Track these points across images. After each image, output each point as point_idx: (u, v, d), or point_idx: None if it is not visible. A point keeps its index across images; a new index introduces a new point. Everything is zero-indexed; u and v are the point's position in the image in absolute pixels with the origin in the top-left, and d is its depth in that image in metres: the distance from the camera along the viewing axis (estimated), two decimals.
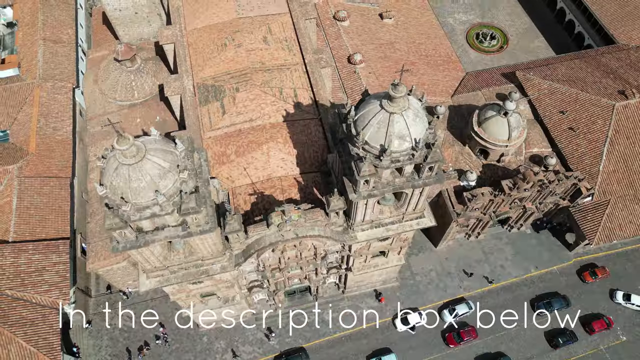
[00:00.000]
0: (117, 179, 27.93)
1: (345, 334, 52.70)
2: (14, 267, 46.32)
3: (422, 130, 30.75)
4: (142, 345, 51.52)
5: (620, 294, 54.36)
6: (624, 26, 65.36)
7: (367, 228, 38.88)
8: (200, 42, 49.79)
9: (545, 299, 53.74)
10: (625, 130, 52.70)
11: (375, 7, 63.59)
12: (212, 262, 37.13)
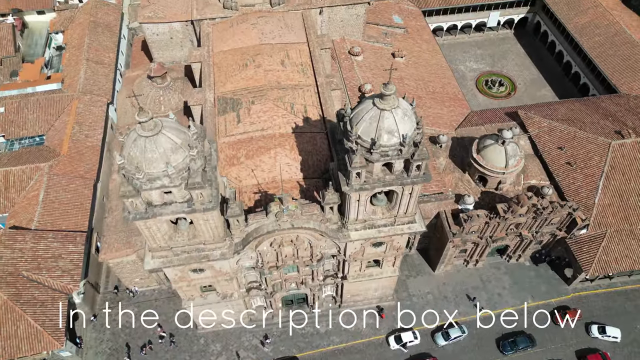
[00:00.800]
0: (134, 149, 31.70)
1: (338, 348, 53.46)
2: (32, 251, 49.79)
3: (411, 128, 33.96)
4: (146, 343, 53.12)
5: (595, 327, 54.03)
6: (625, 77, 68.72)
7: (361, 228, 41.32)
8: (224, 62, 55.19)
9: (511, 338, 53.45)
10: (621, 167, 54.67)
11: (389, 47, 68.90)
12: (213, 247, 39.88)
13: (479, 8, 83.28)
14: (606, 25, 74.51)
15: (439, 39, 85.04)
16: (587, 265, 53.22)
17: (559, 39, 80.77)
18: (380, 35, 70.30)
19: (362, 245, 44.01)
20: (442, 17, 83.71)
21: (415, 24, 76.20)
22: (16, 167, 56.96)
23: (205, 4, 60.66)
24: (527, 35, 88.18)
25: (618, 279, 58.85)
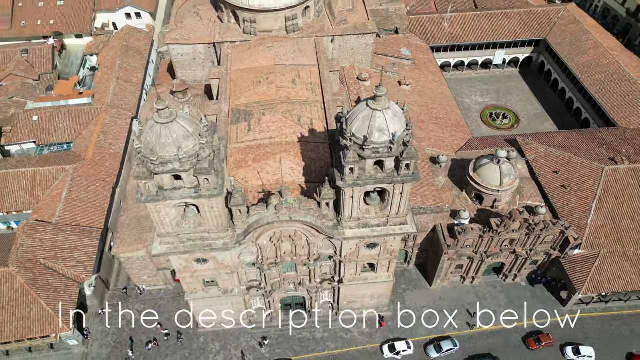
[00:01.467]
0: (150, 134, 35.67)
1: (333, 354, 54.82)
2: (51, 242, 53.50)
3: (400, 128, 37.35)
4: (151, 340, 55.34)
5: (569, 349, 54.30)
6: (624, 112, 71.42)
7: (355, 227, 44.04)
8: (240, 79, 60.04)
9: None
10: (613, 191, 56.60)
11: (396, 76, 73.39)
12: (217, 237, 42.97)
13: (484, 46, 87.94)
14: (606, 64, 78.02)
15: (447, 74, 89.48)
16: (580, 284, 54.36)
17: (562, 77, 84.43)
18: (389, 65, 74.99)
19: (357, 245, 46.56)
20: (449, 54, 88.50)
21: (422, 57, 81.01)
22: (43, 167, 61.73)
23: (227, 29, 66.45)
24: (532, 74, 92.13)
25: (614, 304, 59.46)
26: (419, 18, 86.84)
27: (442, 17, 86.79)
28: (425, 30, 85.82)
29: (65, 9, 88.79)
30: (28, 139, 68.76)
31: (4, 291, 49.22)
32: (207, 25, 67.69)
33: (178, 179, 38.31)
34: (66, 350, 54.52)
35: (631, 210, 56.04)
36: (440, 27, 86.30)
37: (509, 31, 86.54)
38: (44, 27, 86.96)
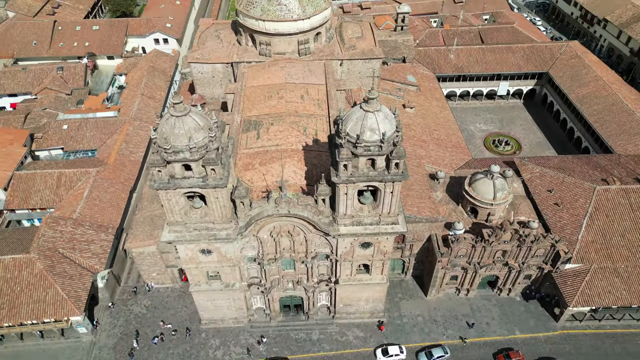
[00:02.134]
0: (165, 126, 40.18)
1: (328, 355, 56.68)
2: (70, 234, 57.71)
3: (390, 129, 41.07)
4: (158, 334, 58.12)
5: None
6: (621, 140, 74.02)
7: (349, 224, 47.18)
8: (253, 94, 65.04)
9: None
10: (604, 210, 58.68)
11: (401, 99, 77.71)
12: (221, 227, 46.55)
13: (489, 78, 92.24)
14: (605, 96, 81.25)
15: (452, 103, 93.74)
16: (570, 297, 55.83)
17: (563, 108, 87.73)
18: (395, 89, 79.55)
19: (352, 244, 49.54)
20: (455, 84, 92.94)
21: (428, 85, 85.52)
22: (69, 169, 66.85)
23: (244, 50, 72.18)
24: (536, 106, 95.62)
25: (607, 322, 60.35)
26: (426, 49, 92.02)
27: (448, 49, 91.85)
28: (432, 60, 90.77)
29: (99, 33, 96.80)
30: (56, 145, 74.36)
31: (24, 275, 53.16)
32: (227, 47, 73.60)
33: (188, 169, 42.38)
34: (75, 339, 57.63)
35: (621, 228, 57.85)
36: (447, 58, 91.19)
37: (512, 64, 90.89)
38: (79, 48, 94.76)
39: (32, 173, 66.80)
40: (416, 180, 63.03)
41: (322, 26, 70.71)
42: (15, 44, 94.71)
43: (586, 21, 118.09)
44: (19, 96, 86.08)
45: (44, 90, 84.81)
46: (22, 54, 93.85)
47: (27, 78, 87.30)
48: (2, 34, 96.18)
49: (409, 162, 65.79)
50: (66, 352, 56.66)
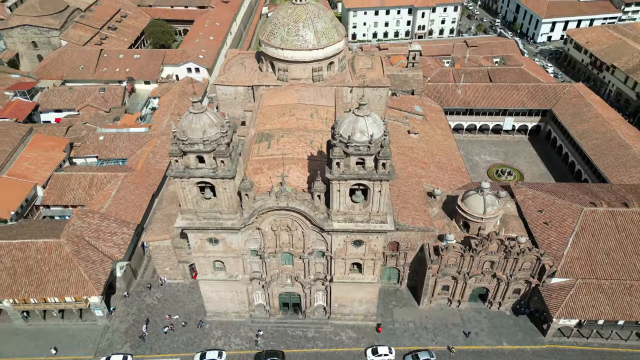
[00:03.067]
0: (185, 121, 47.02)
1: (321, 351, 60.13)
2: (96, 226, 64.36)
3: (378, 132, 46.77)
4: (169, 325, 63.02)
5: None
6: (617, 172, 77.36)
7: (342, 220, 52.16)
8: (268, 112, 72.13)
9: None
10: (590, 229, 61.78)
11: (406, 126, 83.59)
12: (227, 217, 52.25)
13: (495, 113, 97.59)
14: (604, 131, 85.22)
15: (460, 135, 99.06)
16: (554, 309, 58.36)
17: (565, 143, 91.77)
18: (401, 117, 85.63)
19: (345, 241, 54.28)
20: (462, 117, 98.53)
21: (434, 116, 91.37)
22: (100, 173, 74.55)
23: (264, 76, 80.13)
24: (540, 141, 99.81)
25: (595, 340, 62.06)
26: (435, 85, 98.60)
27: (456, 85, 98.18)
28: (440, 94, 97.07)
29: (139, 61, 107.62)
30: (92, 153, 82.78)
31: (53, 257, 59.56)
32: (249, 73, 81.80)
33: (201, 162, 48.77)
34: (92, 322, 63.06)
35: (607, 247, 60.65)
36: (454, 93, 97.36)
37: (517, 101, 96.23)
38: (120, 73, 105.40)
39: (68, 174, 74.80)
40: (413, 196, 67.78)
41: (334, 56, 78.24)
42: (64, 67, 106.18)
43: (596, 67, 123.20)
44: (64, 112, 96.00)
45: (86, 107, 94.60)
46: (70, 76, 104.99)
47: (72, 96, 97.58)
48: (55, 59, 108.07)
49: (409, 180, 70.96)
50: (83, 333, 62.01)
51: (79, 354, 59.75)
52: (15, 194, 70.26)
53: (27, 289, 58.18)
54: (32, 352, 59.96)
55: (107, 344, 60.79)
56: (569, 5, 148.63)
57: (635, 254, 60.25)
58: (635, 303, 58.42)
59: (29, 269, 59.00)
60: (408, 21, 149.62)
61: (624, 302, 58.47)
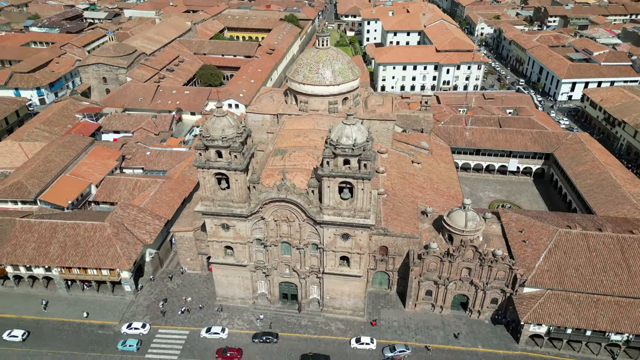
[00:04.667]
0: (209, 122, 59.70)
1: (311, 337, 67.90)
2: (134, 216, 76.90)
3: (361, 138, 57.45)
4: (185, 309, 73.03)
5: None
6: (604, 207, 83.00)
7: (331, 214, 61.91)
8: (286, 134, 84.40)
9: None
10: (563, 248, 67.97)
11: (411, 156, 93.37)
12: (237, 206, 63.27)
13: (500, 154, 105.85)
14: (598, 173, 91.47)
15: (467, 173, 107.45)
16: (523, 313, 64.12)
17: (564, 183, 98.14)
18: (407, 149, 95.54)
19: (334, 234, 63.66)
20: (470, 157, 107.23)
21: (440, 152, 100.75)
22: (144, 179, 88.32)
23: (288, 106, 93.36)
24: (544, 183, 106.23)
25: (566, 351, 66.57)
26: (445, 126, 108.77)
27: (464, 127, 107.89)
28: (449, 135, 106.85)
29: (188, 96, 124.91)
30: (139, 165, 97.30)
31: (96, 236, 72.02)
32: (276, 104, 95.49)
33: (220, 156, 60.74)
34: (121, 296, 74.12)
35: (576, 263, 66.48)
36: (462, 135, 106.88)
37: (520, 144, 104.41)
38: (171, 105, 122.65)
39: (117, 178, 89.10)
40: (406, 211, 76.54)
41: (349, 92, 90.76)
42: (126, 98, 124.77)
43: (609, 123, 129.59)
44: (121, 133, 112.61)
45: (139, 130, 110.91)
46: (130, 105, 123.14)
47: (129, 121, 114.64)
48: (119, 91, 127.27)
49: (405, 199, 79.94)
50: (112, 304, 73.04)
51: (106, 319, 70.51)
52: (74, 188, 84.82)
53: (73, 259, 70.48)
54: (70, 315, 71.29)
55: (131, 315, 71.32)
56: (589, 67, 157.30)
57: (604, 271, 65.75)
58: (601, 315, 63.40)
59: (76, 244, 71.58)
60: (434, 76, 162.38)
61: (590, 314, 63.57)
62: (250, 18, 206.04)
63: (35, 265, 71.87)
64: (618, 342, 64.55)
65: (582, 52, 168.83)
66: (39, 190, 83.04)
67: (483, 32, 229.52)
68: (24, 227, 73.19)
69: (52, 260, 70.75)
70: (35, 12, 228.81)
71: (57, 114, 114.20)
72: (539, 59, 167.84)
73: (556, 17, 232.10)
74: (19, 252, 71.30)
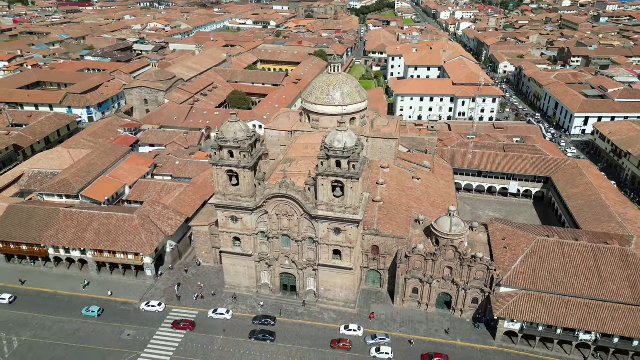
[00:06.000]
0: (224, 127, 70.71)
1: (305, 323, 75.57)
2: (159, 212, 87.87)
3: (351, 143, 66.83)
4: (199, 295, 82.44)
5: None
6: (590, 224, 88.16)
7: (325, 209, 70.75)
8: (297, 147, 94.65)
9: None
10: (539, 254, 73.92)
11: (411, 173, 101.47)
12: (245, 200, 73.12)
13: (501, 176, 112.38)
14: (590, 195, 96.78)
15: (469, 194, 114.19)
16: (497, 309, 70.05)
17: (559, 205, 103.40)
18: (410, 167, 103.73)
19: (328, 229, 72.25)
20: (472, 178, 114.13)
21: (442, 171, 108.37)
22: (171, 183, 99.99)
23: (301, 124, 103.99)
24: (543, 207, 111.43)
25: (539, 349, 71.50)
26: (450, 149, 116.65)
27: (467, 151, 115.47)
28: (453, 157, 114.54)
29: (218, 117, 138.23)
30: (168, 173, 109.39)
31: (125, 226, 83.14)
32: (291, 122, 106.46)
33: (232, 156, 71.23)
34: (143, 280, 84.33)
35: (550, 268, 72.22)
36: (465, 157, 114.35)
37: (520, 167, 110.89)
38: (202, 124, 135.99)
39: (148, 181, 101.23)
40: (400, 217, 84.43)
41: (356, 113, 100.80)
42: (163, 117, 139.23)
43: (616, 155, 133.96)
44: (155, 146, 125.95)
45: (172, 143, 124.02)
46: (165, 123, 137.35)
47: (164, 136, 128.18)
48: (158, 111, 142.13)
49: (400, 207, 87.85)
50: (134, 286, 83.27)
51: (127, 298, 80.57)
52: (111, 188, 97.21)
53: (105, 244, 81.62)
54: (98, 293, 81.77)
55: (150, 296, 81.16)
56: (602, 103, 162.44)
57: (575, 276, 71.29)
58: (570, 314, 68.69)
59: (108, 232, 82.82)
60: (450, 108, 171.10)
61: (560, 312, 68.94)
62: (282, 52, 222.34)
63: (72, 248, 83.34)
64: (587, 341, 69.33)
65: (597, 89, 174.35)
66: (81, 187, 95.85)
67: (506, 69, 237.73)
68: (66, 216, 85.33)
69: (87, 244, 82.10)
70: (91, 44, 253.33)
71: (102, 128, 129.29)
72: (555, 95, 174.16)
73: (579, 57, 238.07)
74: (60, 236, 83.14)
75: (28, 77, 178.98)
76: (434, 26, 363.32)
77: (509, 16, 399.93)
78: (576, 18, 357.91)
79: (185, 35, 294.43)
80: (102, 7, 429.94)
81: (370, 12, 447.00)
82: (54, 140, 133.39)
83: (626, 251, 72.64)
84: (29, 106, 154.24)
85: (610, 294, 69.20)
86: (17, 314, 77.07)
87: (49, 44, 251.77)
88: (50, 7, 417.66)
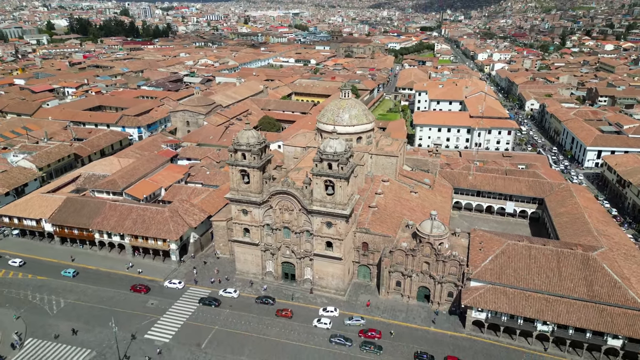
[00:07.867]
0: (239, 134, 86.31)
1: (300, 305, 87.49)
2: (187, 208, 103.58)
3: (341, 148, 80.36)
4: (216, 279, 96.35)
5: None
6: (569, 237, 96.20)
7: (318, 205, 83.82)
8: (307, 159, 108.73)
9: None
10: (509, 255, 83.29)
11: (410, 187, 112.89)
12: (254, 196, 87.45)
13: (498, 196, 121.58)
14: (575, 213, 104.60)
15: (469, 213, 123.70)
16: (465, 299, 79.62)
17: (549, 223, 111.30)
18: (410, 182, 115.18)
19: (321, 223, 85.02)
20: (471, 197, 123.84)
21: (441, 189, 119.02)
22: (199, 187, 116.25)
23: (315, 142, 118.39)
24: (539, 227, 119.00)
25: (504, 339, 79.97)
26: (452, 171, 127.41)
27: (468, 172, 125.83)
28: (454, 177, 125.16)
29: None
30: (199, 180, 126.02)
31: (158, 217, 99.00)
32: (307, 140, 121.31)
33: (244, 158, 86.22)
34: (168, 264, 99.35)
35: (517, 267, 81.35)
36: (466, 178, 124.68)
37: (515, 189, 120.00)
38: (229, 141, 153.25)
39: (180, 186, 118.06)
40: (391, 221, 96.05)
41: (362, 133, 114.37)
42: (201, 136, 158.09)
43: (620, 184, 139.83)
44: (192, 160, 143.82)
45: (205, 158, 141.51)
46: (202, 141, 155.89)
47: (199, 152, 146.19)
48: (196, 132, 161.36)
49: (393, 214, 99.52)
50: (161, 268, 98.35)
51: (154, 276, 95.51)
52: (149, 188, 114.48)
53: (140, 230, 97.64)
54: (132, 271, 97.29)
55: (173, 276, 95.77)
56: (616, 138, 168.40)
57: (538, 274, 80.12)
58: (529, 306, 77.34)
59: (143, 221, 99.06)
60: (467, 139, 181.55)
61: (520, 304, 77.73)
62: (315, 86, 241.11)
63: (114, 233, 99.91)
64: (545, 332, 77.38)
65: (614, 125, 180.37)
66: (125, 186, 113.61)
67: (532, 107, 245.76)
68: (111, 207, 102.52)
69: (126, 230, 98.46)
70: (147, 77, 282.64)
71: (148, 143, 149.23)
72: (571, 129, 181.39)
73: (606, 97, 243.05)
74: (105, 223, 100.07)
75: (91, 101, 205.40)
76: (468, 67, 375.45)
77: (547, 58, 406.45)
78: (613, 61, 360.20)
79: (232, 70, 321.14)
80: (161, 46, 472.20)
81: (409, 53, 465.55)
82: (108, 153, 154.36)
83: (587, 255, 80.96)
84: (90, 125, 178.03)
85: (567, 291, 77.53)
86: (64, 282, 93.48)
87: (112, 75, 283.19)
88: (116, 45, 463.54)
